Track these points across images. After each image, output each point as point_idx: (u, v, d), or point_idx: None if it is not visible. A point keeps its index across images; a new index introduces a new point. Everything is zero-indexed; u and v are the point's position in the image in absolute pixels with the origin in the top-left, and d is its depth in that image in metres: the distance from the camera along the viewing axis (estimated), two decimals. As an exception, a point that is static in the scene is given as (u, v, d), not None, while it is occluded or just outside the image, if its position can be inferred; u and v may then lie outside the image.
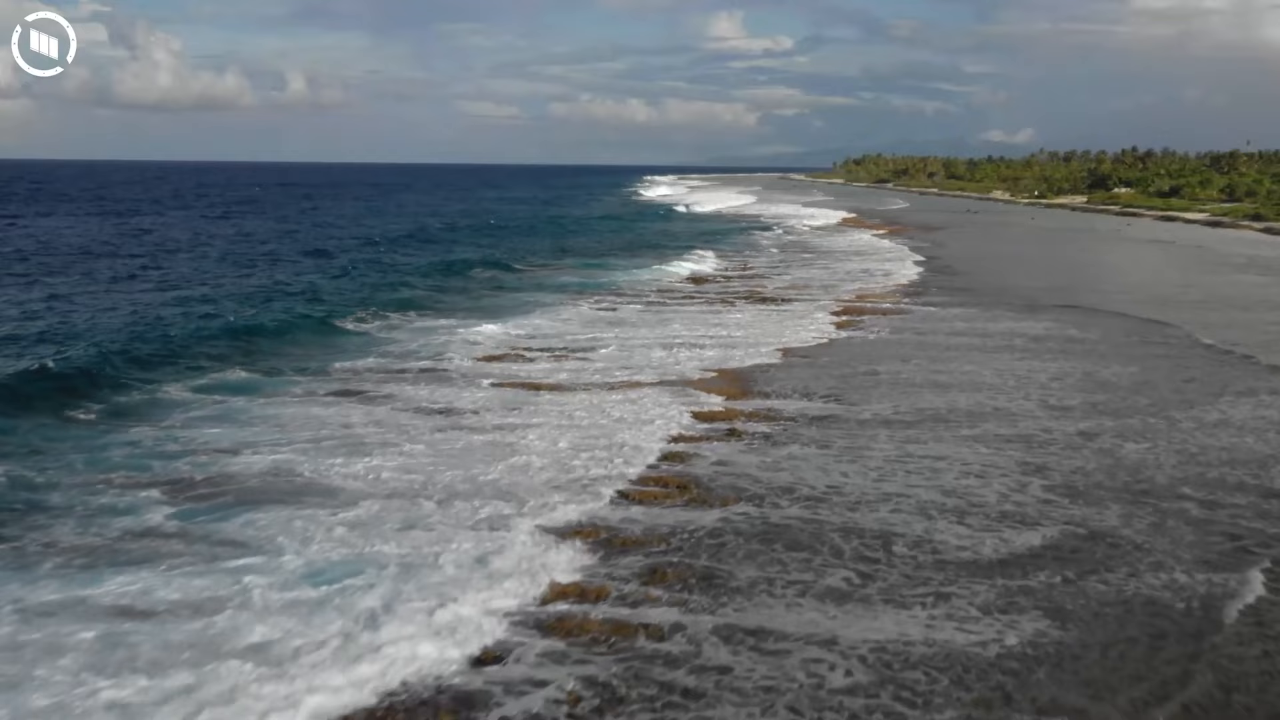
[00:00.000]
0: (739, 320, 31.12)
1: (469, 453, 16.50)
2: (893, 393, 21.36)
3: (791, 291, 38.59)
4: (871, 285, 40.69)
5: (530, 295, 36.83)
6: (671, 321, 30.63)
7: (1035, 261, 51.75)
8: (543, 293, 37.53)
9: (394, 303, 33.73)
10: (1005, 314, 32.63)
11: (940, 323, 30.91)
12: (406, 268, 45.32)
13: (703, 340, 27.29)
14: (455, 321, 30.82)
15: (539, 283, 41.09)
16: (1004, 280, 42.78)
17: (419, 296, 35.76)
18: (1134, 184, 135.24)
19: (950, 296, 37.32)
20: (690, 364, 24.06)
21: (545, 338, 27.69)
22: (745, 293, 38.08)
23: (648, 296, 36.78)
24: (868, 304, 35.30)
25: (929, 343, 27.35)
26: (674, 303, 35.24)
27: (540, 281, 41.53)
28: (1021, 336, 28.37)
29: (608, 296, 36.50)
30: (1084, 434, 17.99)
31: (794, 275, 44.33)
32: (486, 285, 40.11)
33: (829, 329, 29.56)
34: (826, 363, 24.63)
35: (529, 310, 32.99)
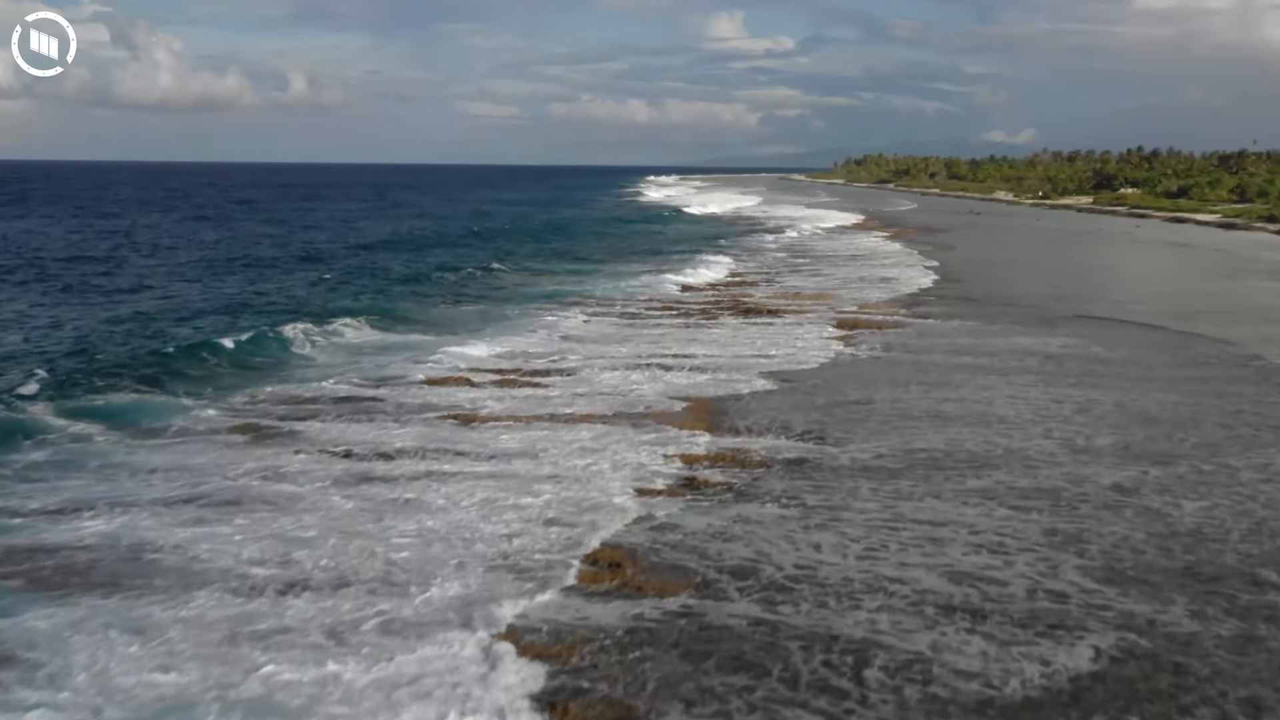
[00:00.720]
0: (725, 337, 27.88)
1: (361, 519, 13.29)
2: (885, 428, 18.16)
3: (786, 303, 35.38)
4: (870, 294, 37.46)
5: (502, 307, 33.61)
6: (651, 339, 27.42)
7: (1044, 267, 48.53)
8: (516, 304, 34.28)
9: (354, 311, 30.69)
10: (1016, 328, 29.39)
11: (944, 338, 27.68)
12: (385, 274, 42.32)
13: (681, 361, 24.10)
14: (411, 337, 27.76)
15: (515, 292, 37.76)
16: (1012, 288, 39.55)
17: (381, 306, 32.52)
18: (1140, 184, 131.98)
19: (954, 307, 34.09)
20: (659, 391, 20.88)
21: (506, 357, 24.50)
22: (737, 304, 34.84)
23: (630, 308, 33.55)
24: (865, 315, 32.08)
25: (931, 363, 24.13)
26: (659, 316, 32.01)
27: (517, 291, 38.14)
28: (1036, 355, 25.12)
29: (588, 308, 33.22)
30: (1123, 488, 14.73)
31: (791, 283, 41.12)
32: (459, 295, 36.77)
33: (821, 346, 26.34)
34: (814, 388, 21.41)
35: (496, 324, 29.89)
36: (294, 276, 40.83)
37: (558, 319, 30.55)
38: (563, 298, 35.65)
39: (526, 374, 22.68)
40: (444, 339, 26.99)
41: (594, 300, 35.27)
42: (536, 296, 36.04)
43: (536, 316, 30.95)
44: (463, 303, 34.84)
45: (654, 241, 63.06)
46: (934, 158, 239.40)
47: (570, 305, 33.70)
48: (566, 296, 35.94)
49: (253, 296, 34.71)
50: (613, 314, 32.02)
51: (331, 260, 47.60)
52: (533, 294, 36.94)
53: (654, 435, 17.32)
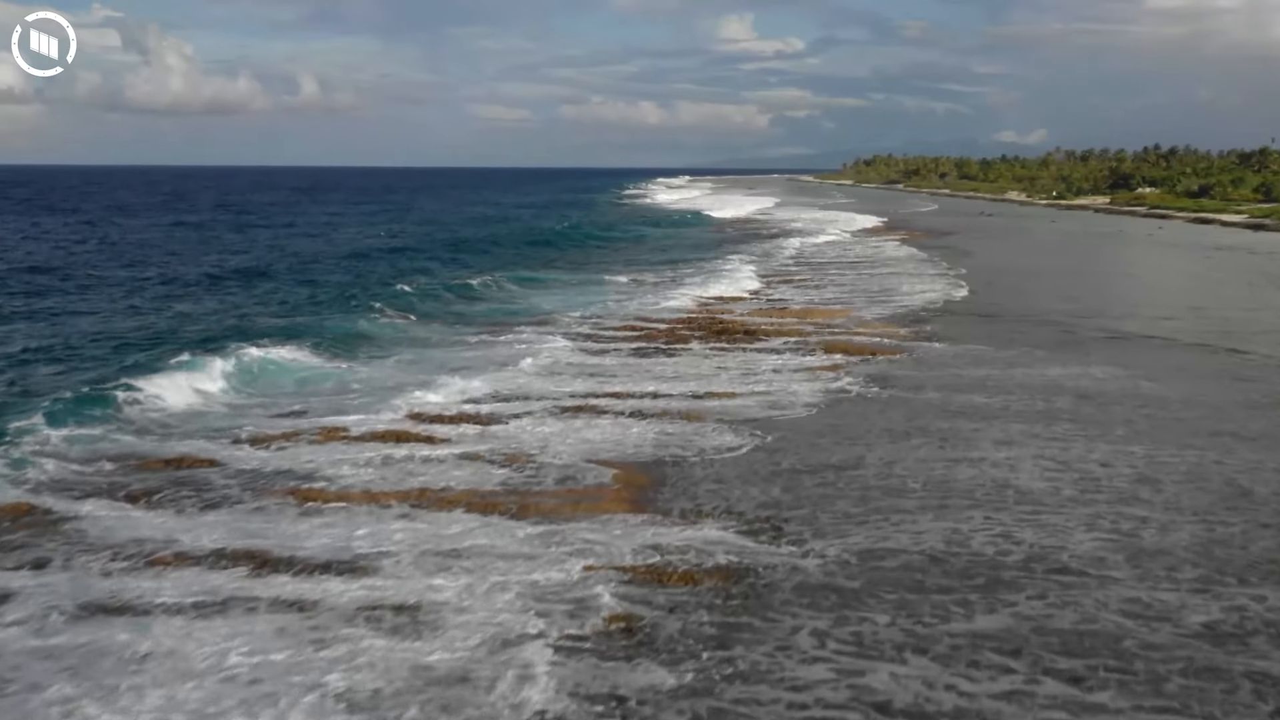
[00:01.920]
0: (691, 370, 23.03)
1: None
2: (866, 510, 13.34)
3: (774, 321, 30.56)
4: (869, 311, 32.57)
5: (463, 329, 28.64)
6: (600, 374, 22.61)
7: (1065, 274, 43.53)
8: (483, 326, 29.32)
9: (296, 334, 25.88)
10: (1041, 353, 24.49)
11: (953, 368, 22.81)
12: (329, 287, 37.49)
13: (620, 404, 19.33)
14: (335, 365, 23.16)
15: (495, 310, 32.67)
16: (1031, 300, 34.63)
17: (329, 329, 27.24)
18: (1158, 183, 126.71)
19: (966, 325, 29.21)
20: (585, 451, 16.10)
21: (420, 400, 19.68)
22: (711, 326, 30.03)
23: (585, 330, 28.73)
24: (862, 338, 27.23)
25: (936, 404, 19.27)
26: (617, 342, 27.19)
27: (499, 308, 32.97)
28: (1068, 392, 20.22)
29: (570, 329, 28.22)
30: (1223, 633, 9.81)
31: (785, 296, 36.25)
32: (427, 313, 31.45)
33: (806, 379, 21.51)
34: (784, 443, 16.58)
35: (447, 350, 25.34)
36: (247, 291, 35.97)
37: (522, 346, 25.49)
38: (545, 317, 30.66)
39: (429, 419, 17.94)
40: (374, 372, 22.28)
41: (576, 321, 30.07)
42: (516, 316, 30.96)
43: (501, 343, 26.00)
44: (425, 322, 29.88)
45: (660, 249, 57.71)
46: (944, 158, 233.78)
47: (548, 328, 28.65)
48: (550, 316, 30.83)
49: (181, 316, 30.03)
50: (592, 338, 27.09)
51: (278, 275, 42.85)
52: (514, 311, 31.99)
53: (540, 530, 12.47)
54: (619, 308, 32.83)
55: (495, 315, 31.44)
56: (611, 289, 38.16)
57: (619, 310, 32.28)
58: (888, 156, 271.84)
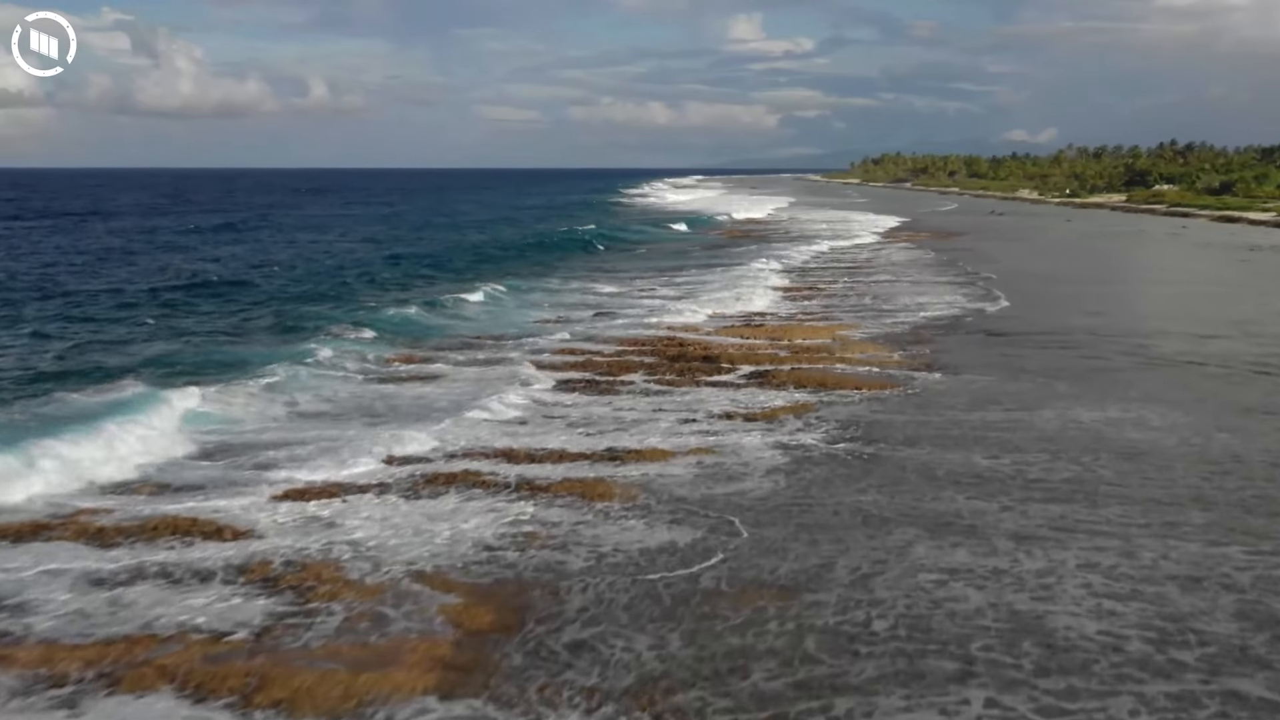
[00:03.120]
0: (620, 413, 18.20)
1: None
2: (816, 682, 8.44)
3: (744, 343, 25.72)
4: (860, 327, 27.64)
5: (372, 368, 23.55)
6: (505, 420, 17.79)
7: (1086, 281, 38.47)
8: (414, 353, 24.56)
9: (190, 369, 21.36)
10: (1064, 385, 19.54)
11: (952, 409, 17.89)
12: (286, 302, 32.82)
13: (507, 470, 14.51)
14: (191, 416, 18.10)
15: (428, 333, 27.39)
16: (1051, 313, 29.64)
17: (191, 363, 22.38)
18: (1175, 180, 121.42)
19: (969, 348, 24.28)
20: (413, 561, 11.24)
21: (282, 465, 14.91)
22: (670, 348, 25.24)
23: (543, 358, 23.95)
24: (845, 363, 22.37)
25: (926, 470, 14.37)
26: (561, 370, 22.36)
27: (437, 329, 27.71)
28: (1110, 447, 15.28)
29: (543, 357, 23.28)
30: None
31: (768, 309, 31.35)
32: (350, 337, 25.93)
33: (761, 433, 16.64)
34: (707, 544, 11.70)
35: (350, 387, 20.63)
36: (185, 312, 30.62)
37: (465, 387, 20.60)
38: (520, 339, 25.59)
39: (283, 496, 13.14)
40: (270, 425, 17.35)
41: (548, 344, 24.99)
42: (487, 337, 25.89)
43: (458, 377, 21.06)
44: (378, 347, 24.55)
45: (659, 255, 52.35)
46: (953, 156, 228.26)
47: (519, 351, 23.78)
48: (524, 338, 25.63)
49: (75, 351, 24.90)
50: (549, 367, 22.28)
51: (267, 281, 37.82)
52: (490, 331, 26.90)
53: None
54: (588, 328, 27.93)
55: (466, 335, 26.36)
56: (595, 301, 33.25)
57: (589, 330, 27.39)
58: (896, 155, 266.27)
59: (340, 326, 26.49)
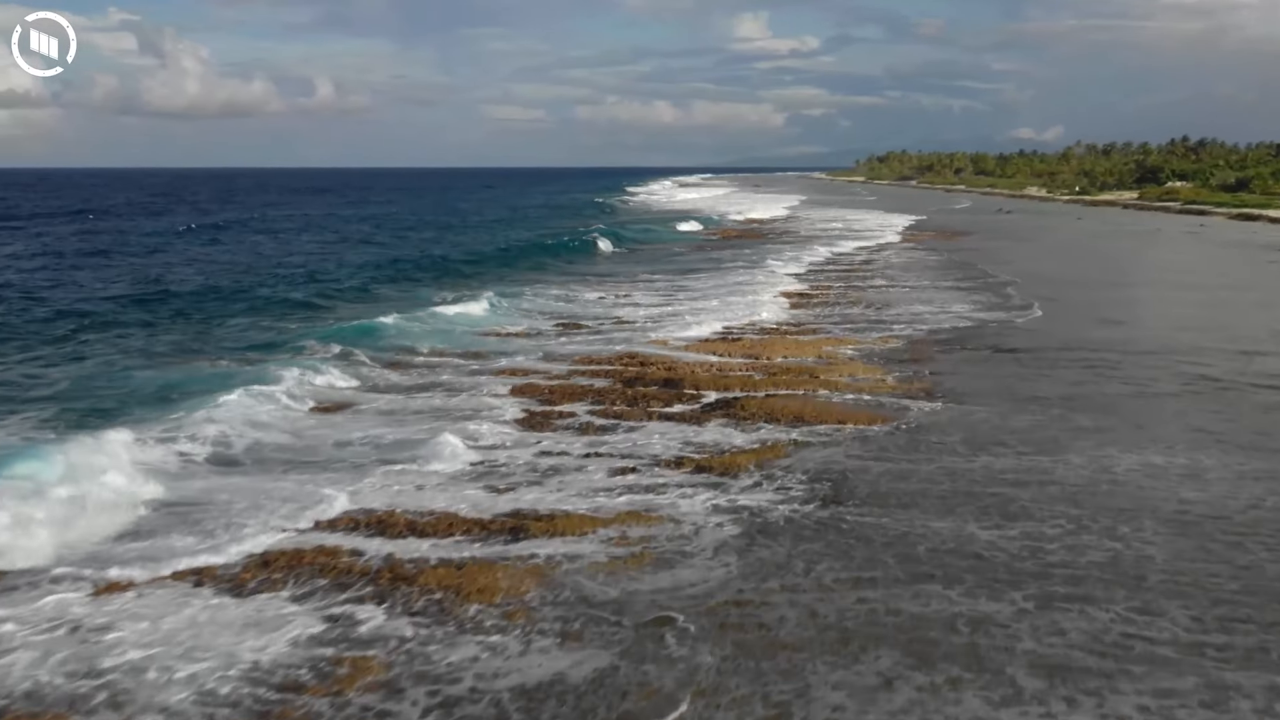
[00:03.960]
0: (541, 458, 14.93)
1: None
2: None
3: (715, 362, 22.40)
4: (853, 342, 24.29)
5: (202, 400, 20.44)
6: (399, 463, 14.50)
7: (1104, 285, 35.03)
8: (368, 380, 21.30)
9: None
10: (1088, 418, 16.16)
11: (950, 452, 14.53)
12: (203, 316, 29.25)
13: (366, 547, 11.24)
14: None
15: (392, 353, 24.01)
16: (1073, 324, 26.23)
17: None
18: (1188, 177, 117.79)
19: (974, 367, 20.90)
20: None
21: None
22: (628, 370, 21.97)
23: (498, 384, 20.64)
24: (829, 388, 19.04)
25: (912, 550, 11.02)
26: (488, 398, 19.06)
27: (403, 348, 23.82)
28: (1154, 509, 11.90)
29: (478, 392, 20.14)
30: None
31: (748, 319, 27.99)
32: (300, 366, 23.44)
33: (708, 487, 13.32)
34: (621, 685, 8.36)
35: (275, 435, 17.23)
36: (110, 332, 26.13)
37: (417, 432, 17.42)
38: (491, 360, 22.49)
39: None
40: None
41: (509, 368, 22.10)
42: (455, 358, 22.39)
43: (411, 413, 17.76)
44: (331, 374, 21.56)
45: (656, 258, 48.51)
46: (959, 153, 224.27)
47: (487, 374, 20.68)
48: (495, 359, 22.59)
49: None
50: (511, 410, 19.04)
51: (227, 290, 33.85)
52: (463, 350, 23.40)
53: None
54: (562, 344, 24.66)
55: (438, 352, 22.77)
56: (581, 312, 29.87)
57: (559, 347, 24.08)
58: (901, 153, 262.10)
59: (309, 343, 22.80)
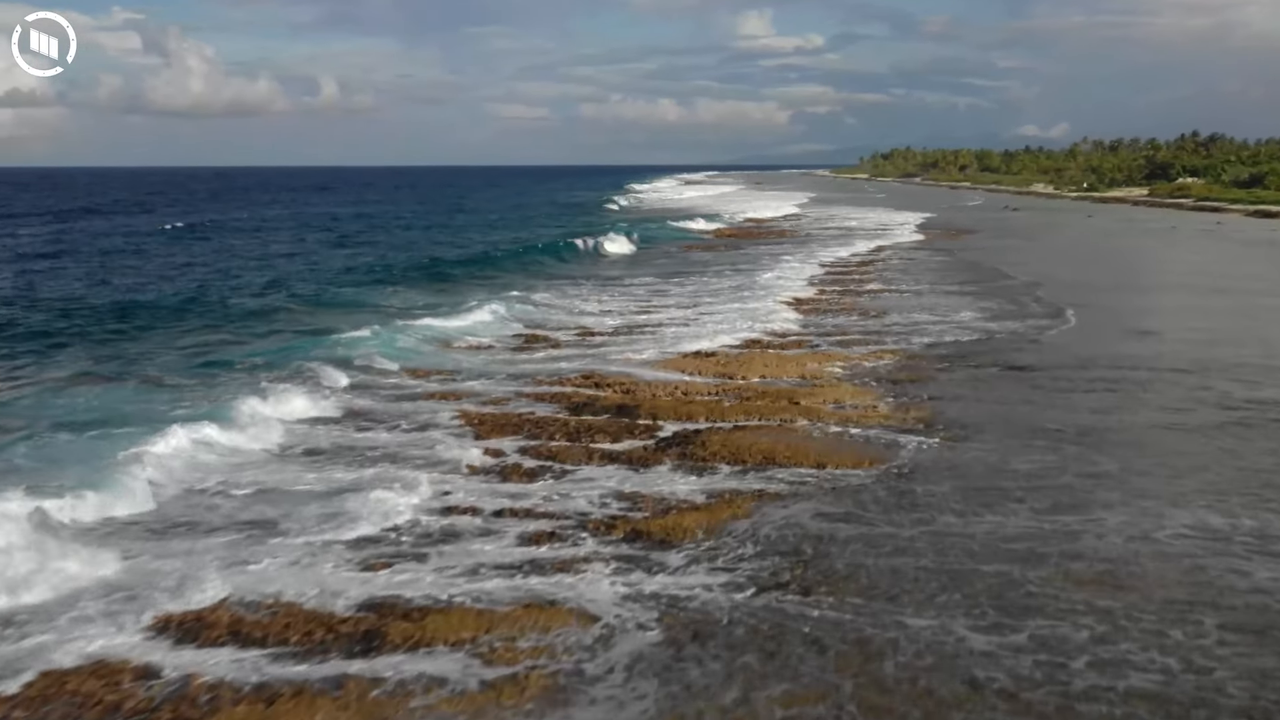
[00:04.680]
0: (460, 520, 12.08)
1: None
2: None
3: (681, 381, 19.49)
4: (846, 358, 21.35)
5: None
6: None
7: (1124, 289, 32.02)
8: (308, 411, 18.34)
9: None
10: (1112, 461, 13.18)
11: (948, 511, 11.57)
12: (159, 336, 26.34)
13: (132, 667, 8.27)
14: None
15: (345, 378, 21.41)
16: (1094, 335, 23.24)
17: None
18: (1199, 173, 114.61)
19: (981, 391, 17.93)
20: None
21: None
22: (579, 394, 19.13)
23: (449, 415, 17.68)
24: (810, 417, 16.12)
25: (883, 653, 8.09)
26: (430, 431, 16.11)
27: (358, 370, 20.87)
28: (1230, 603, 8.95)
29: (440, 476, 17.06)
30: None
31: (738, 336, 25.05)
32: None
33: (634, 567, 10.40)
34: None
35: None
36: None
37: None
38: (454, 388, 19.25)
39: None
40: None
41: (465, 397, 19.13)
42: (421, 379, 19.31)
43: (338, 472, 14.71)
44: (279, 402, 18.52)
45: (657, 262, 44.93)
46: (964, 150, 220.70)
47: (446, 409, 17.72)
48: (475, 379, 19.62)
49: None
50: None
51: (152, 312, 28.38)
52: (426, 366, 20.09)
53: None
54: (518, 365, 21.76)
55: (409, 373, 19.53)
56: (559, 320, 26.88)
57: (521, 368, 21.18)
58: (905, 150, 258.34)
59: (269, 375, 18.64)
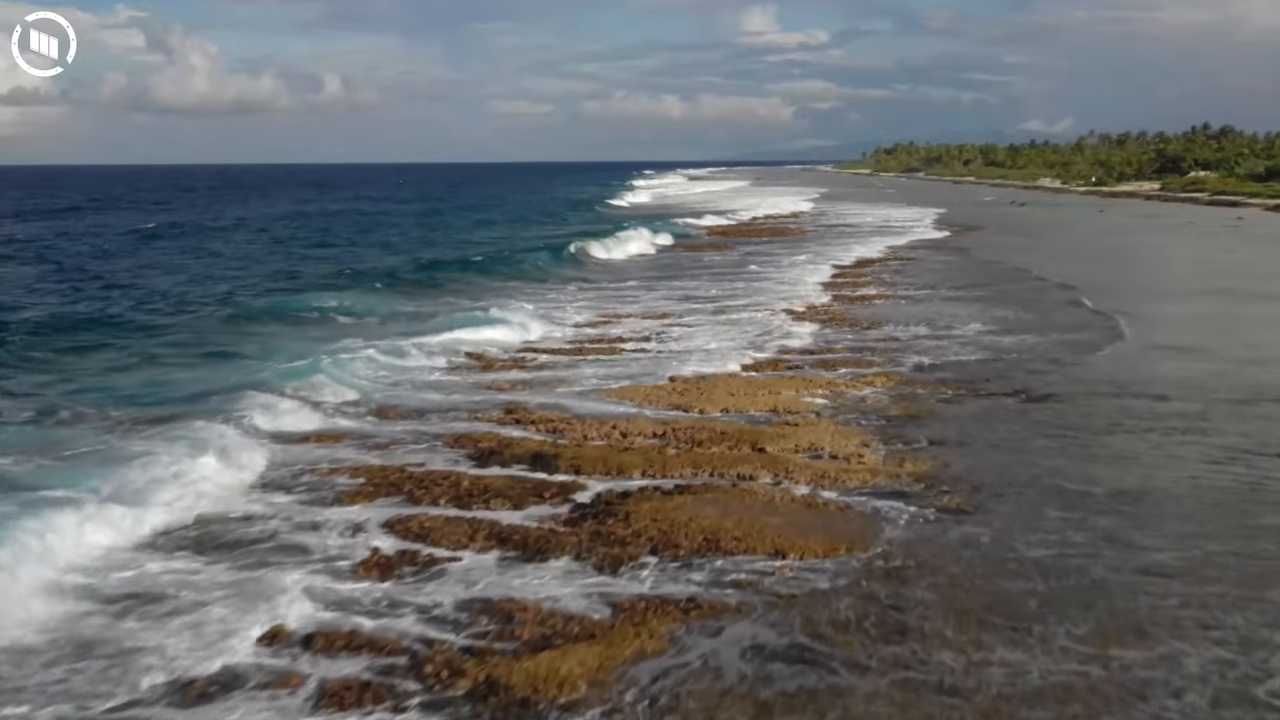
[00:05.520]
0: (218, 659, 8.38)
1: None
2: None
3: (617, 417, 15.92)
4: (823, 391, 17.72)
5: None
6: None
7: (1156, 293, 28.28)
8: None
9: None
10: (1190, 549, 9.52)
11: (950, 646, 7.91)
12: (92, 365, 23.59)
13: None
14: None
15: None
16: (1124, 354, 19.55)
17: None
18: (1213, 166, 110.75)
19: (1004, 433, 14.23)
20: None
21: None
22: (493, 437, 15.50)
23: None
24: (785, 469, 12.54)
25: None
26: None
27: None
28: None
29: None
30: None
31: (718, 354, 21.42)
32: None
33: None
34: None
35: None
36: None
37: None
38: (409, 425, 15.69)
39: None
40: None
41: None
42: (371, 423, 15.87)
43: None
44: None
45: (657, 264, 41.48)
46: (968, 145, 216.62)
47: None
48: (425, 415, 16.03)
49: None
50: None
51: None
52: (376, 402, 16.82)
53: None
54: (442, 395, 18.09)
55: (355, 419, 15.32)
56: (509, 340, 23.16)
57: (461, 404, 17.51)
58: (909, 145, 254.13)
59: (199, 422, 14.33)
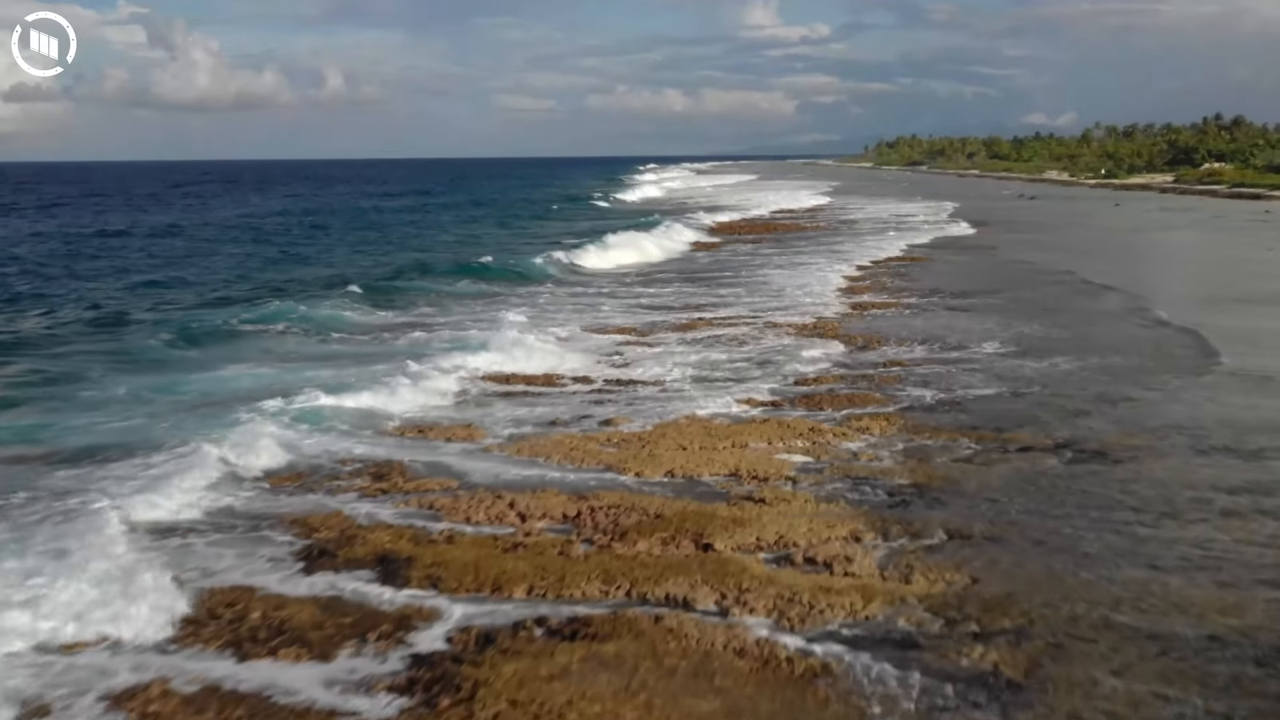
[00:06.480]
0: None
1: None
2: None
3: (516, 514, 11.95)
4: (802, 445, 13.82)
5: None
6: None
7: (1200, 304, 24.34)
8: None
9: None
10: None
11: None
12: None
13: None
14: None
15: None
16: (1177, 392, 15.64)
17: None
18: (1227, 158, 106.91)
19: (1033, 504, 10.29)
20: None
21: None
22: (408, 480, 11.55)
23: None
24: (740, 583, 8.62)
25: None
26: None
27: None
28: None
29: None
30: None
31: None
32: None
33: None
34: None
35: None
36: None
37: None
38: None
39: None
40: None
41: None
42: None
43: None
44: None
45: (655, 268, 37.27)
46: (971, 138, 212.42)
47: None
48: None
49: None
50: None
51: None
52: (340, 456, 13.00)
53: None
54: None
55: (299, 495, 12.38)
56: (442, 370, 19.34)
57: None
58: (911, 138, 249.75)
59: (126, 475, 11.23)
